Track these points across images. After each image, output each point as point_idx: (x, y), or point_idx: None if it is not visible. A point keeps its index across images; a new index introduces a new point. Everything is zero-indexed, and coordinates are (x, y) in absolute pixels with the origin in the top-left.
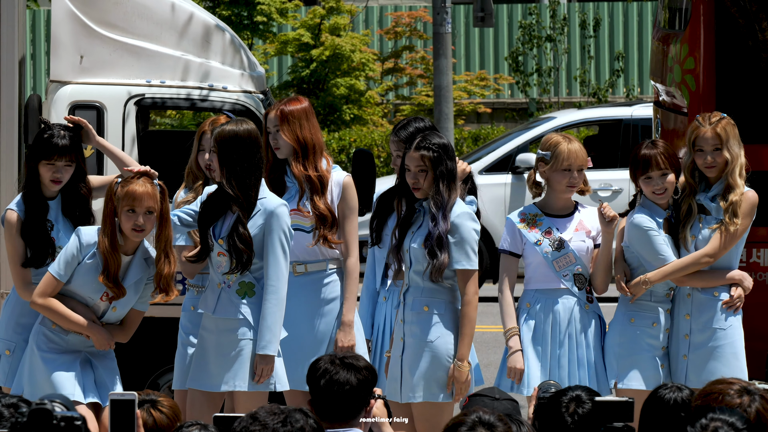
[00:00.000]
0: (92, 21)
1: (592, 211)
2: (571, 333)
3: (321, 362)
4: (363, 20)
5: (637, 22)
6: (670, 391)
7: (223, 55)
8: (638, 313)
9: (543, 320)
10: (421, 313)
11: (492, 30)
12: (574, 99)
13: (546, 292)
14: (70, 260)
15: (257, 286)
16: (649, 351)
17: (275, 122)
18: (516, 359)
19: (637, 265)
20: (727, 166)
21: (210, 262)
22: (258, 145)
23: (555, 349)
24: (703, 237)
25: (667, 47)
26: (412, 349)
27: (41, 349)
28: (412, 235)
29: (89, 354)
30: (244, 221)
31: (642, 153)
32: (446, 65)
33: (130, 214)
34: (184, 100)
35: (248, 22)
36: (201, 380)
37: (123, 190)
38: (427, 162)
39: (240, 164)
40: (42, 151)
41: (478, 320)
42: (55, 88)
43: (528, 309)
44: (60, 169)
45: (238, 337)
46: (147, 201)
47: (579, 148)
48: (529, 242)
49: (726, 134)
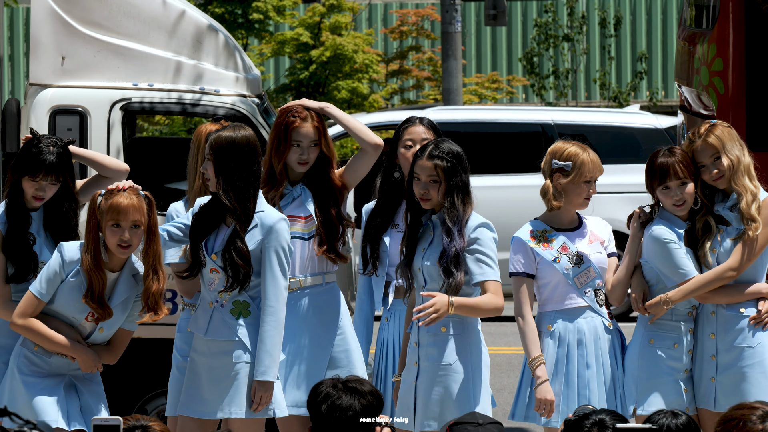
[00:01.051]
0: (75, 20)
1: (596, 220)
2: (598, 354)
3: (323, 386)
4: (366, 18)
5: (661, 21)
6: (664, 417)
7: (216, 56)
8: (658, 333)
9: (568, 342)
10: (438, 335)
11: (505, 29)
12: (593, 103)
13: (567, 311)
14: (52, 278)
15: (253, 306)
16: (671, 374)
17: (313, 137)
18: (545, 390)
19: (656, 281)
20: (736, 166)
21: (201, 279)
22: (257, 153)
23: (583, 371)
24: (724, 249)
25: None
26: (428, 374)
27: (22, 372)
28: (423, 252)
29: (74, 378)
30: (241, 235)
31: (659, 161)
32: (456, 67)
33: (115, 229)
34: (174, 105)
35: (243, 21)
36: (193, 406)
37: (107, 203)
38: (440, 172)
39: (238, 174)
40: (27, 166)
41: (490, 341)
42: (34, 92)
43: (550, 332)
44: (44, 187)
45: (234, 361)
46: (133, 214)
47: (596, 158)
48: (545, 260)
49: (720, 140)
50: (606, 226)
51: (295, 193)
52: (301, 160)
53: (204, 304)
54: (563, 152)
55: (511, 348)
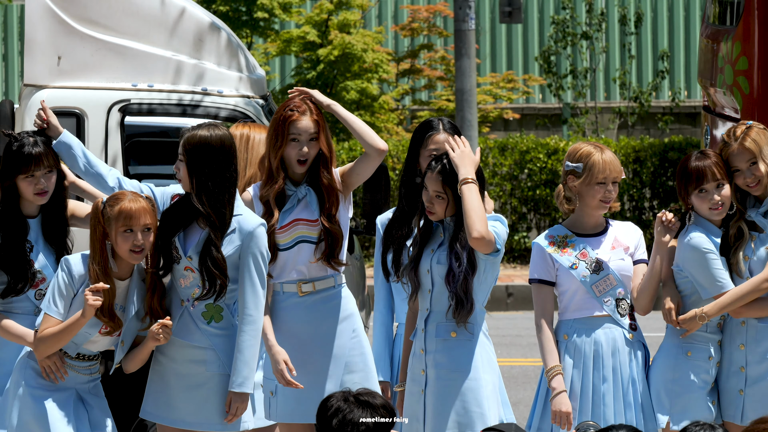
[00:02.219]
0: (71, 18)
1: (625, 225)
2: (616, 366)
3: (333, 400)
4: (376, 16)
5: (683, 18)
6: (701, 429)
7: (219, 55)
8: (695, 345)
9: (584, 353)
10: (447, 340)
11: (521, 26)
12: (612, 104)
13: (585, 321)
14: (65, 294)
15: (225, 311)
16: (704, 388)
17: (313, 130)
18: (561, 401)
19: (690, 291)
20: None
21: (172, 274)
22: (232, 154)
23: (599, 385)
24: (758, 258)
25: (717, 45)
26: (439, 382)
27: (30, 384)
28: (432, 254)
29: (80, 391)
30: (216, 243)
31: (693, 165)
32: (469, 66)
33: (128, 234)
34: (175, 106)
35: (247, 19)
36: (160, 413)
37: (114, 209)
38: (447, 190)
39: (212, 178)
40: (17, 164)
41: (506, 352)
42: (29, 93)
43: (566, 341)
44: (41, 178)
45: (206, 371)
46: (144, 217)
47: (613, 158)
48: (563, 267)
49: (757, 145)
50: (636, 231)
51: (300, 194)
52: (300, 156)
53: (176, 300)
54: (576, 153)
55: (528, 360)
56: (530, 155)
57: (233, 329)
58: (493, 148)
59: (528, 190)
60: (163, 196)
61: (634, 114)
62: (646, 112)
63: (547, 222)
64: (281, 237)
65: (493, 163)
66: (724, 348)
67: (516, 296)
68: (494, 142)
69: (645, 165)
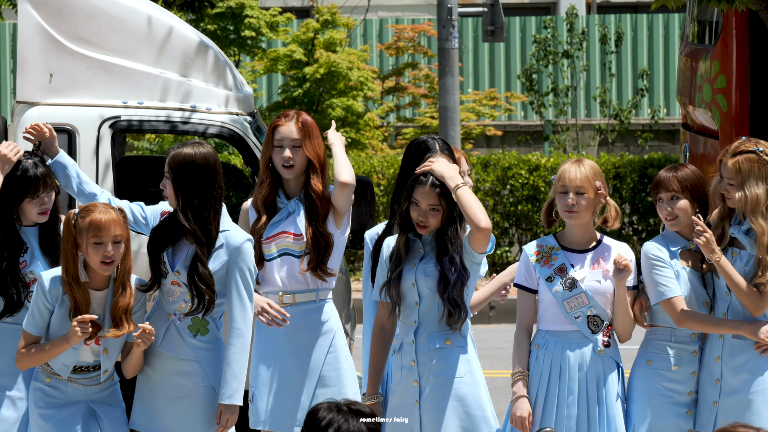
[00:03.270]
0: (63, 36)
1: (618, 248)
2: (582, 380)
3: (322, 412)
4: (361, 34)
5: (662, 37)
6: None
7: (207, 73)
8: (656, 354)
9: (551, 364)
10: (443, 348)
11: (503, 45)
12: (593, 121)
13: (556, 333)
14: (41, 311)
15: (211, 324)
16: (669, 396)
17: (296, 136)
18: (519, 406)
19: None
20: (745, 205)
21: (160, 289)
22: (217, 172)
23: (564, 396)
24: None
25: (696, 64)
26: (436, 390)
27: (38, 406)
28: (414, 268)
29: (92, 403)
30: (203, 259)
31: (659, 174)
32: (452, 84)
33: (98, 246)
34: (164, 123)
35: (235, 37)
36: (146, 422)
37: (85, 221)
38: (442, 202)
39: (197, 195)
40: (23, 188)
41: (488, 364)
42: (21, 110)
43: (537, 351)
44: (44, 199)
45: (191, 383)
46: (114, 228)
47: (579, 170)
48: (541, 278)
49: (742, 173)
50: (627, 254)
51: (290, 208)
52: (283, 161)
53: (161, 313)
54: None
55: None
56: (512, 171)
57: (218, 342)
58: (476, 164)
59: (510, 206)
60: (153, 214)
61: (614, 131)
62: (626, 129)
63: (529, 236)
64: (266, 247)
65: (476, 178)
66: (703, 359)
67: (498, 310)
68: (477, 159)
69: (625, 181)
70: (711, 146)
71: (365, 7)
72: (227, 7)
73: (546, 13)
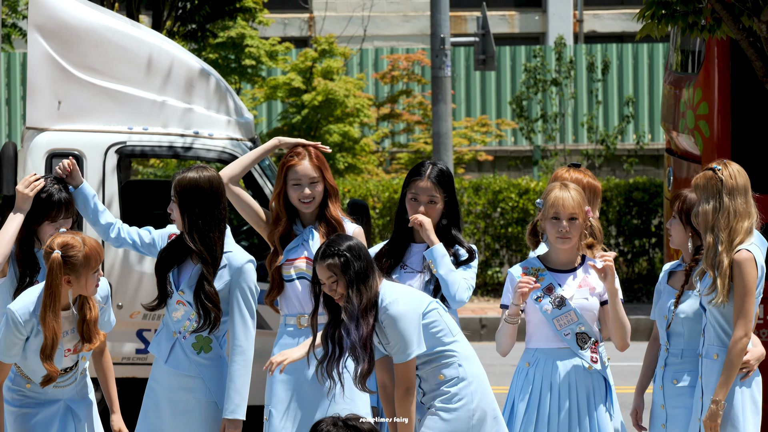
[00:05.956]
0: (71, 64)
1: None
2: (572, 396)
3: (322, 425)
4: (357, 63)
5: (647, 65)
6: None
7: (209, 100)
8: None
9: (542, 380)
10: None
11: (494, 73)
12: (581, 146)
13: (546, 351)
14: (14, 341)
15: (214, 342)
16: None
17: (314, 174)
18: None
19: None
20: (697, 219)
21: (166, 308)
22: (221, 194)
23: (554, 413)
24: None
25: (680, 91)
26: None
27: (15, 404)
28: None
29: (70, 401)
30: (209, 278)
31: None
32: (445, 111)
33: (96, 274)
34: (168, 149)
35: (236, 66)
36: None
37: (80, 256)
38: (336, 270)
39: (202, 217)
40: (45, 210)
41: (494, 381)
42: (31, 136)
43: (527, 369)
44: (61, 224)
45: (195, 398)
46: (102, 254)
47: (570, 196)
48: (530, 298)
49: (698, 188)
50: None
51: (305, 236)
52: (302, 197)
53: (167, 331)
54: (546, 190)
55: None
56: (503, 195)
57: (221, 360)
58: (468, 188)
59: (500, 228)
60: (161, 236)
61: (600, 156)
62: (612, 154)
63: (519, 257)
64: (285, 270)
65: (468, 202)
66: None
67: (489, 327)
68: (469, 183)
69: (611, 204)
70: (694, 170)
71: (361, 37)
72: (228, 36)
73: (535, 43)
